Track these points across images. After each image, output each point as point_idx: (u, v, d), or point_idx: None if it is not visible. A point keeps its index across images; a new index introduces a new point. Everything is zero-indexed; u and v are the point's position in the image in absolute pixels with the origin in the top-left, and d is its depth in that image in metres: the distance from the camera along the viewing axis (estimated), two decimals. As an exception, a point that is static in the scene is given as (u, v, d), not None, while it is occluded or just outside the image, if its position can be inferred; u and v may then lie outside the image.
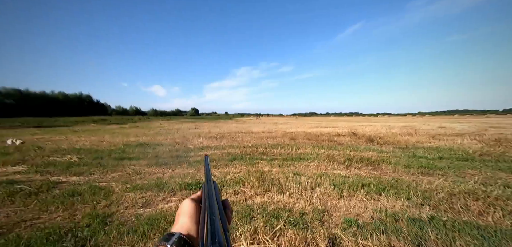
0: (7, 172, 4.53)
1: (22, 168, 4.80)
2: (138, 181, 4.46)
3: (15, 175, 4.36)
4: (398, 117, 74.60)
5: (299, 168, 4.79)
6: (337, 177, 4.02)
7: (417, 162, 5.28)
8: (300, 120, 53.79)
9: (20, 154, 6.04)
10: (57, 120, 22.27)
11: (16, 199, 3.28)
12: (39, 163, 5.23)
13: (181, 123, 28.14)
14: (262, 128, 19.12)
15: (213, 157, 6.30)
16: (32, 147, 7.06)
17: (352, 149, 7.02)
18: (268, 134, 12.62)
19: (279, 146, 7.69)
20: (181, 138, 10.88)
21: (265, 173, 4.32)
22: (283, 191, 3.45)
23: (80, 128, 17.06)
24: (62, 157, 6.10)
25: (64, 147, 7.50)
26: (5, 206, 3.13)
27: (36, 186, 3.81)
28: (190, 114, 70.41)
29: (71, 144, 8.57)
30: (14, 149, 6.53)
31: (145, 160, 6.32)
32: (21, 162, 5.16)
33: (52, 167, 5.06)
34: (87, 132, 14.30)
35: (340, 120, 51.45)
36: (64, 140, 9.87)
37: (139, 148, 8.08)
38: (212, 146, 8.46)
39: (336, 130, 14.46)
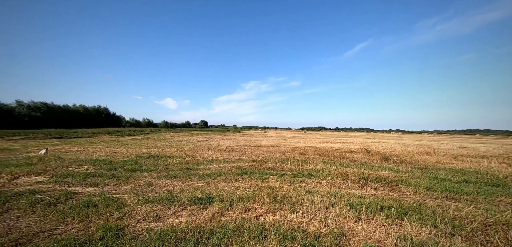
0: (30, 182, 4.77)
1: (43, 178, 5.04)
2: (150, 194, 4.50)
3: (37, 185, 4.57)
4: (412, 135, 71.09)
5: (311, 185, 4.62)
6: (353, 197, 3.81)
7: (440, 185, 4.90)
8: (308, 134, 52.89)
9: (43, 164, 6.38)
10: (76, 132, 23.56)
11: (37, 209, 3.41)
12: (58, 173, 5.48)
13: (191, 135, 28.66)
14: (271, 142, 18.97)
15: (222, 171, 6.28)
16: (53, 157, 7.46)
17: (366, 167, 6.71)
18: (277, 148, 12.47)
19: (289, 161, 7.52)
20: (191, 151, 11.02)
21: (276, 190, 4.20)
22: (295, 209, 3.31)
23: (96, 140, 17.89)
24: (79, 167, 6.36)
25: (81, 158, 7.85)
26: (27, 215, 3.26)
27: (55, 196, 3.95)
28: (199, 126, 71.76)
29: (88, 155, 8.96)
30: (37, 159, 6.93)
31: (156, 172, 6.42)
32: (43, 172, 5.44)
33: (70, 178, 5.27)
34: (102, 143, 14.94)
35: (351, 135, 49.98)
36: (82, 151, 10.35)
37: (151, 160, 8.26)
38: (221, 159, 8.46)
39: (348, 146, 14.01)
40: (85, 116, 37.39)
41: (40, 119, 29.59)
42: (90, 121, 37.42)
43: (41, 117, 30.04)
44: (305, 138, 27.59)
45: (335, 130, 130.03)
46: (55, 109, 33.10)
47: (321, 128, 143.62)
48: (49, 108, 32.25)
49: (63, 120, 32.62)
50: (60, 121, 31.86)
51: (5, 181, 4.67)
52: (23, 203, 3.55)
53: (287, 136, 36.55)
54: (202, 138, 23.71)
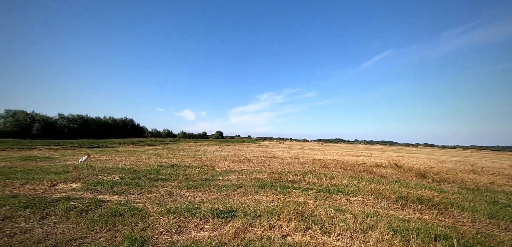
0: (66, 188, 5.12)
1: (77, 186, 5.39)
2: (171, 204, 4.50)
3: (72, 192, 4.87)
4: (444, 150, 63.89)
5: (340, 203, 4.20)
6: (394, 220, 3.33)
7: (506, 212, 4.10)
8: (326, 146, 50.67)
9: (77, 172, 6.89)
10: (105, 142, 25.58)
11: (71, 216, 3.57)
12: (89, 181, 5.83)
13: (207, 146, 29.28)
14: (288, 153, 18.45)
15: (241, 183, 6.12)
16: (86, 166, 8.05)
17: (400, 184, 6.00)
18: (296, 160, 12.01)
19: (311, 175, 7.09)
20: (209, 161, 11.11)
21: (302, 206, 3.89)
22: (327, 230, 2.98)
23: (122, 149, 19.16)
24: (107, 176, 6.72)
25: (109, 166, 8.34)
26: (62, 222, 3.42)
27: (86, 204, 4.14)
28: (215, 136, 73.40)
29: (115, 163, 9.51)
30: (72, 168, 7.53)
31: (176, 182, 6.50)
32: (76, 180, 5.84)
33: (100, 186, 5.55)
34: (127, 152, 15.91)
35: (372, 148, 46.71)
36: (109, 159, 11.07)
37: (171, 170, 8.46)
38: (239, 170, 8.33)
39: (373, 159, 12.97)
40: (114, 127, 40.69)
41: (77, 130, 32.92)
42: (117, 131, 40.58)
43: (78, 129, 33.42)
44: (323, 150, 26.40)
45: (354, 143, 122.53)
46: (89, 121, 36.64)
47: (338, 140, 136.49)
48: (84, 120, 35.83)
49: (95, 131, 35.88)
50: (92, 132, 35.09)
51: (46, 188, 5.07)
52: (59, 210, 3.76)
53: (303, 147, 35.42)
54: (218, 149, 24.03)
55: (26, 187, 5.01)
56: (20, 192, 4.65)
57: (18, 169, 7.35)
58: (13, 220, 3.38)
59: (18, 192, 4.60)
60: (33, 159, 10.12)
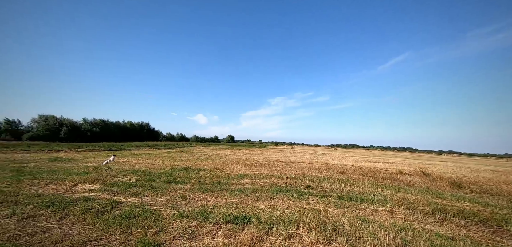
0: (85, 189, 5.28)
1: (95, 186, 5.54)
2: (184, 207, 4.41)
3: (90, 193, 5.00)
4: (473, 158, 58.20)
5: (366, 213, 3.79)
6: (435, 237, 2.88)
7: None
8: (340, 151, 48.73)
9: (96, 173, 7.15)
10: (123, 145, 26.86)
11: (87, 217, 3.60)
12: (107, 182, 5.98)
13: (219, 149, 29.54)
14: (300, 158, 17.90)
15: (255, 187, 5.90)
16: (104, 167, 8.36)
17: (433, 194, 5.36)
18: (310, 165, 11.53)
19: (328, 180, 6.67)
20: (221, 164, 11.05)
21: (322, 214, 3.57)
22: (354, 244, 2.64)
23: (138, 152, 19.93)
24: (123, 177, 6.88)
25: (126, 168, 8.58)
26: (79, 222, 3.45)
27: (102, 205, 4.18)
28: (226, 140, 74.15)
29: (131, 166, 9.80)
30: (92, 169, 7.86)
31: (189, 185, 6.46)
32: (95, 181, 6.02)
33: (116, 187, 5.66)
34: (143, 155, 16.48)
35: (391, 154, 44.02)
36: (126, 162, 11.47)
37: (184, 172, 8.49)
38: (251, 174, 8.13)
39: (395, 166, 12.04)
40: (131, 130, 42.81)
41: (98, 134, 35.12)
42: (134, 135, 42.61)
43: (99, 132, 35.63)
44: (337, 155, 25.32)
45: (369, 148, 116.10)
46: (109, 125, 38.94)
47: (353, 146, 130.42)
48: (105, 124, 38.16)
49: (114, 134, 38.00)
50: (112, 135, 37.20)
51: (67, 188, 5.26)
52: (78, 210, 3.82)
53: (316, 152, 34.34)
54: (230, 152, 24.08)
55: (50, 186, 5.24)
56: (44, 191, 4.85)
57: (45, 169, 7.82)
58: (35, 218, 3.47)
59: (43, 192, 4.81)
60: (59, 160, 10.79)
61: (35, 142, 24.84)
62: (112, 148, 21.74)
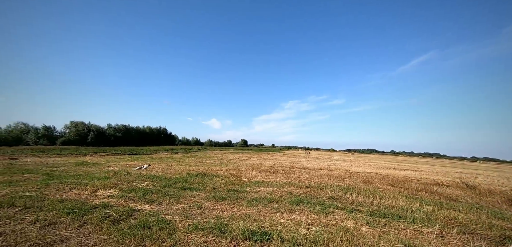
0: (104, 195, 5.36)
1: (114, 192, 5.61)
2: (199, 218, 4.21)
3: (109, 199, 5.04)
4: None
5: (408, 235, 3.21)
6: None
7: None
8: (358, 157, 46.07)
9: (115, 178, 7.34)
10: (142, 149, 28.15)
11: (104, 226, 3.53)
12: (125, 188, 6.05)
13: (232, 154, 29.58)
14: (316, 164, 17.07)
15: (272, 197, 5.52)
16: (123, 172, 8.61)
17: (489, 213, 4.46)
18: (329, 172, 10.81)
19: (352, 191, 6.05)
20: (235, 170, 10.84)
21: (353, 234, 3.09)
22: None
23: (156, 156, 20.66)
24: (141, 183, 6.95)
25: (143, 173, 8.75)
26: (96, 232, 3.39)
27: (119, 213, 4.13)
28: (239, 145, 74.46)
29: (148, 170, 10.01)
30: (113, 174, 8.12)
31: (204, 192, 6.30)
32: (114, 186, 6.13)
33: (133, 193, 5.68)
34: (160, 160, 16.97)
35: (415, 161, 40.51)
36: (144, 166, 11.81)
37: (199, 178, 8.41)
38: (267, 182, 7.76)
39: (426, 175, 10.81)
40: (150, 135, 44.96)
41: (121, 138, 37.39)
42: (153, 140, 44.64)
43: (121, 137, 37.93)
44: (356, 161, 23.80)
45: (390, 154, 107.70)
46: (130, 130, 41.32)
47: (371, 151, 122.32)
48: (127, 129, 40.57)
49: (135, 139, 40.17)
50: (133, 140, 39.36)
51: (88, 193, 5.38)
52: (95, 218, 3.79)
53: (332, 158, 32.79)
54: (244, 157, 23.91)
55: (73, 191, 5.40)
56: (67, 196, 4.99)
57: (71, 173, 8.25)
58: (56, 226, 3.48)
59: (66, 197, 4.94)
60: (84, 164, 11.44)
61: (66, 146, 27.10)
62: (132, 152, 22.84)
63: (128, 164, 12.71)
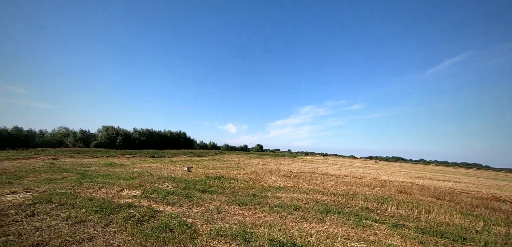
0: (129, 194, 5.48)
1: (137, 192, 5.72)
2: (220, 223, 3.99)
3: (133, 199, 5.12)
4: None
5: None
6: None
7: None
8: (382, 165, 42.54)
9: (139, 179, 7.58)
10: (163, 152, 29.53)
11: (128, 227, 3.50)
12: (148, 189, 6.16)
13: (249, 158, 29.43)
14: (338, 170, 15.99)
15: (296, 203, 5.10)
16: (146, 173, 8.91)
17: None
18: (355, 179, 9.93)
19: (390, 202, 5.32)
20: (254, 174, 10.56)
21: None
22: None
23: (176, 159, 21.42)
24: (162, 184, 7.05)
25: (165, 175, 8.95)
26: (120, 232, 3.36)
27: (142, 213, 4.11)
28: (255, 149, 74.31)
29: (169, 172, 10.26)
30: (137, 175, 8.45)
31: (223, 196, 6.12)
32: (138, 187, 6.29)
33: (155, 194, 5.73)
34: (180, 162, 17.50)
35: (452, 171, 36.07)
36: (165, 168, 12.18)
37: (218, 181, 8.30)
38: (288, 187, 7.32)
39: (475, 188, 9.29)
40: (170, 139, 47.24)
41: (145, 142, 39.89)
42: (173, 143, 46.80)
43: (145, 140, 40.46)
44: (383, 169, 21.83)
45: (419, 163, 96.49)
46: (153, 133, 43.91)
47: (397, 159, 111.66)
48: (150, 133, 43.20)
49: (157, 142, 42.53)
50: (155, 143, 41.71)
51: (115, 193, 5.56)
52: (120, 218, 3.80)
53: (354, 165, 30.71)
54: (260, 162, 23.57)
55: (102, 190, 5.63)
56: (96, 195, 5.19)
57: (101, 173, 8.78)
58: (85, 224, 3.55)
59: (95, 195, 5.14)
60: (113, 165, 12.19)
61: (98, 149, 29.65)
62: (154, 155, 24.05)
63: (151, 166, 13.26)
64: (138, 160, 17.62)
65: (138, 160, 17.60)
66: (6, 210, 3.83)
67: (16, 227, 3.23)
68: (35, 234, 3.09)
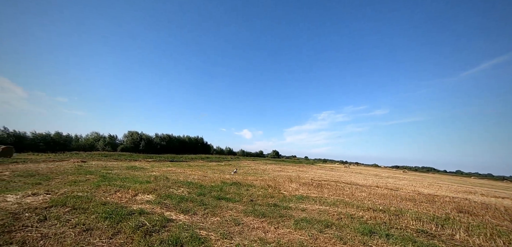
0: (143, 199, 5.21)
1: (151, 197, 5.44)
2: (238, 238, 3.40)
3: (146, 205, 4.81)
4: None
5: None
6: None
7: None
8: (412, 175, 38.23)
9: (154, 183, 7.40)
10: (182, 157, 30.29)
11: (135, 237, 3.10)
12: (162, 194, 5.86)
13: (265, 164, 28.67)
14: (363, 179, 14.37)
15: (327, 218, 4.28)
16: (163, 177, 8.77)
17: None
18: (390, 191, 8.60)
19: (453, 225, 4.20)
20: (272, 181, 9.83)
21: None
22: None
23: (193, 164, 21.62)
24: (177, 189, 6.74)
25: (181, 180, 8.71)
26: (127, 244, 2.96)
27: (153, 222, 3.71)
28: (271, 155, 72.90)
29: (186, 176, 10.05)
30: (154, 178, 8.34)
31: (241, 204, 5.54)
32: (153, 191, 6.04)
33: (169, 200, 5.38)
34: (196, 167, 17.50)
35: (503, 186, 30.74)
36: (182, 172, 12.09)
37: (234, 188, 7.77)
38: (313, 197, 6.45)
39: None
40: (189, 144, 48.72)
41: (165, 147, 41.67)
42: (191, 148, 48.17)
43: (165, 145, 42.26)
44: (418, 181, 19.27)
45: (456, 175, 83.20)
46: (173, 139, 45.74)
47: (428, 169, 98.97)
48: (170, 138, 45.09)
49: (176, 147, 44.13)
50: (174, 148, 43.32)
51: (129, 197, 5.34)
52: (129, 227, 3.43)
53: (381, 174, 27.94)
54: (277, 168, 22.65)
55: (117, 194, 5.45)
56: (111, 199, 4.99)
57: (121, 176, 8.87)
58: (92, 233, 3.23)
59: (109, 199, 4.94)
60: (133, 169, 12.49)
61: (123, 152, 31.59)
62: (173, 159, 24.67)
63: (169, 170, 13.33)
64: (158, 164, 18.07)
65: (157, 164, 18.05)
66: (21, 213, 3.73)
67: (23, 234, 3.02)
68: (39, 243, 2.83)
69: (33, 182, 6.57)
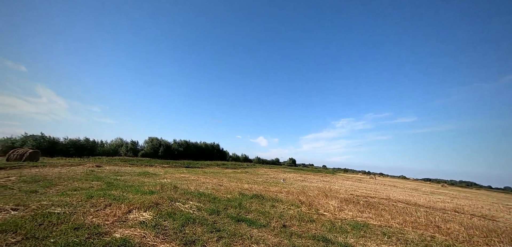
0: (135, 220, 3.79)
1: (148, 216, 4.00)
2: None
3: (136, 230, 3.36)
4: None
5: None
6: None
7: None
8: (454, 191, 32.40)
9: (159, 194, 6.05)
10: (198, 163, 29.62)
11: None
12: (163, 211, 4.41)
13: (284, 173, 26.46)
14: (408, 195, 11.47)
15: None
16: (171, 186, 7.44)
17: None
18: (469, 219, 6.05)
19: None
20: (303, 195, 7.86)
21: None
22: None
23: (208, 170, 20.47)
24: (185, 203, 5.26)
25: (191, 190, 7.29)
26: None
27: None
28: (287, 163, 69.39)
29: (198, 185, 8.64)
30: (160, 187, 7.06)
31: (269, 231, 3.81)
32: (153, 206, 4.64)
33: (171, 220, 3.89)
34: (212, 174, 16.21)
35: None
36: (195, 180, 10.77)
37: (256, 203, 6.06)
38: (373, 225, 4.42)
39: None
40: (205, 150, 48.54)
41: (182, 152, 41.88)
42: (207, 154, 47.88)
43: (183, 151, 42.48)
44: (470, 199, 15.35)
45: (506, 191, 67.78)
46: (190, 145, 45.99)
47: (468, 184, 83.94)
48: (187, 144, 45.40)
49: (193, 153, 44.14)
50: (191, 154, 43.34)
51: (120, 215, 3.97)
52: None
53: (418, 188, 23.77)
54: (299, 178, 20.36)
55: (105, 211, 4.13)
56: (91, 219, 3.65)
57: (128, 183, 7.78)
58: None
59: (89, 220, 3.61)
60: (145, 175, 11.54)
61: (143, 158, 32.09)
62: (189, 165, 23.90)
63: (182, 176, 12.16)
64: (172, 170, 17.22)
65: (172, 170, 17.21)
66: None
67: None
68: None
69: (29, 189, 5.67)
